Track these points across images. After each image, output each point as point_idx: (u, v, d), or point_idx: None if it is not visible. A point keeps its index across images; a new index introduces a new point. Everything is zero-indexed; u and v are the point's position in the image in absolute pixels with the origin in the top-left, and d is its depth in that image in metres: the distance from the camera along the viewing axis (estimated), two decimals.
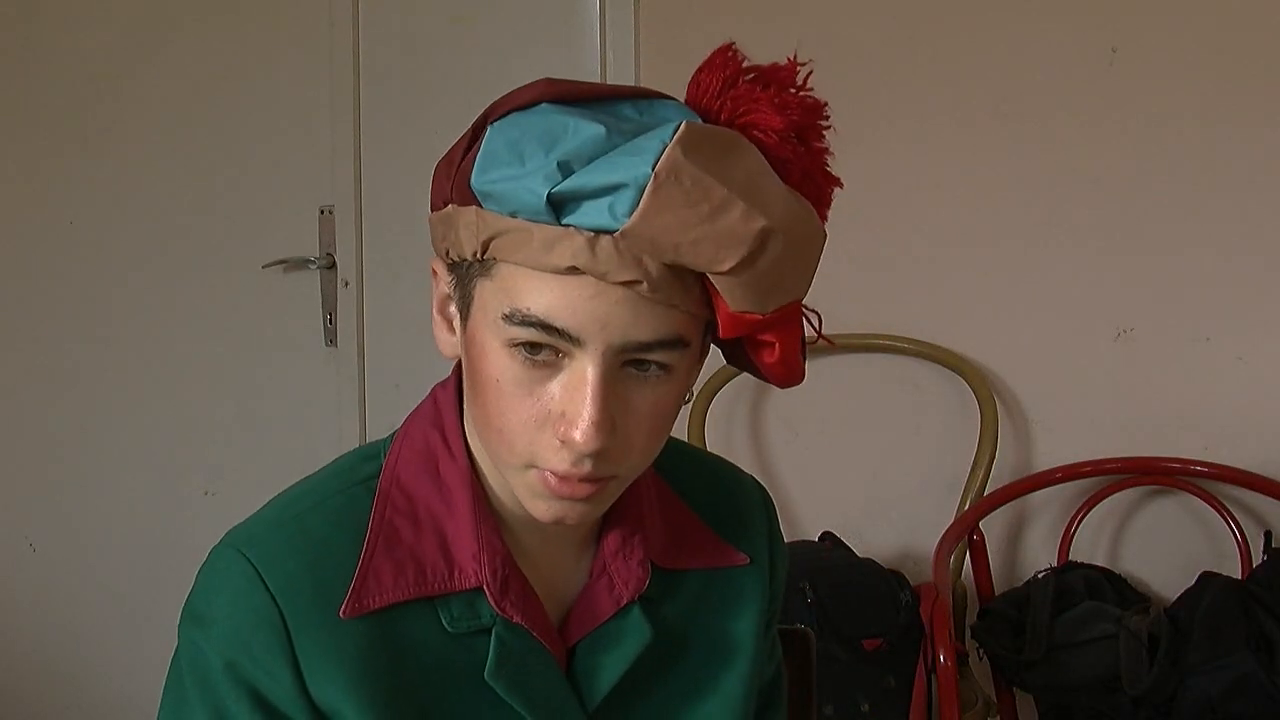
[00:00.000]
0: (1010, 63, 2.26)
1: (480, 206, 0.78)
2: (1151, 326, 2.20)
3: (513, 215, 0.77)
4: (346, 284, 2.72)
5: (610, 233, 0.75)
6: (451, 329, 0.87)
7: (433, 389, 0.94)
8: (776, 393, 2.47)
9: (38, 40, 2.94)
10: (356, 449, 0.94)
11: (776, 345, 0.83)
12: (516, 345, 0.79)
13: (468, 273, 0.81)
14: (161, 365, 2.90)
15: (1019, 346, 2.29)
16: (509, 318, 0.78)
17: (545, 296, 0.77)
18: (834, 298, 2.61)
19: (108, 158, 2.91)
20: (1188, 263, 2.17)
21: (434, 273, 0.87)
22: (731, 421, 2.49)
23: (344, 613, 0.84)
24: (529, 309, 0.77)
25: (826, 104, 0.84)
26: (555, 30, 2.58)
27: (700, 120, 0.80)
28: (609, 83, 0.83)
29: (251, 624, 0.83)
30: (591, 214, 0.75)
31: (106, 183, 2.91)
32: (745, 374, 2.67)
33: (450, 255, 0.83)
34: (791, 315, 0.83)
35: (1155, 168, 2.17)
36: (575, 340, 0.78)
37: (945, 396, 2.34)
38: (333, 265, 2.74)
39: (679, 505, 0.98)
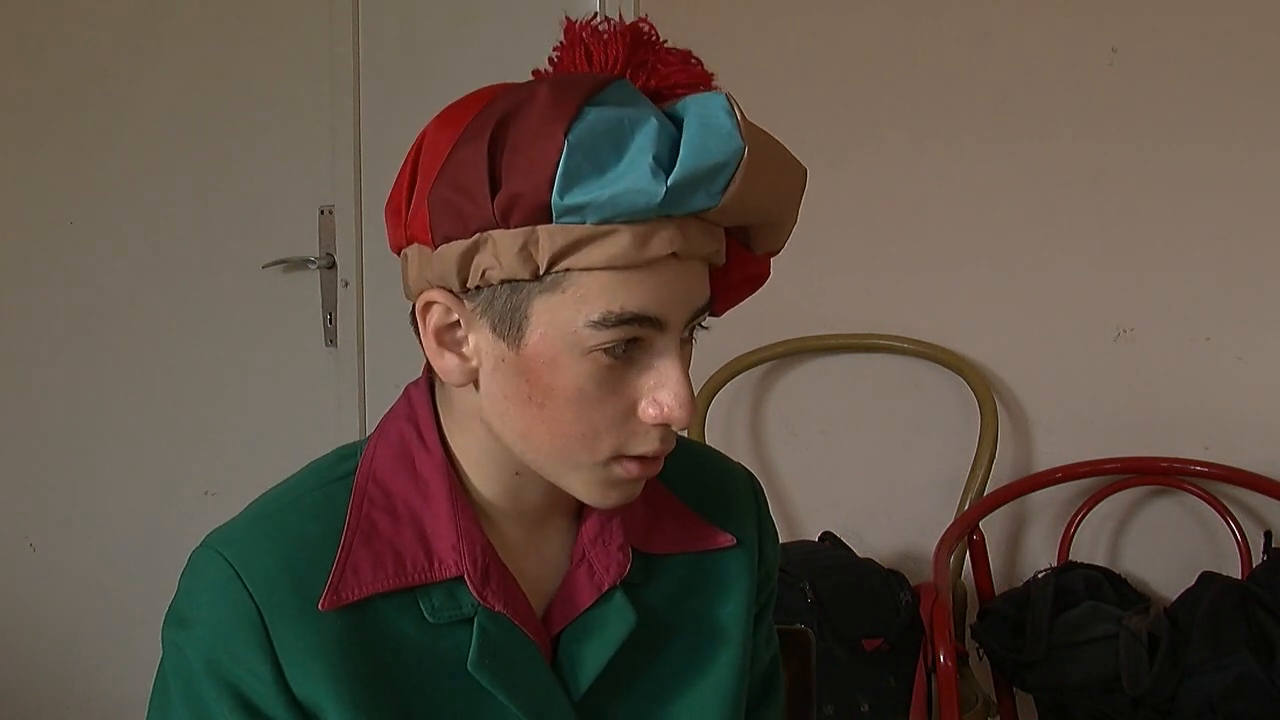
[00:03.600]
0: (1010, 63, 2.26)
1: (550, 224, 0.77)
2: (1151, 326, 2.20)
3: (602, 221, 0.77)
4: (346, 284, 2.73)
5: (703, 212, 0.79)
6: (461, 355, 0.85)
7: (405, 388, 0.94)
8: (776, 393, 2.47)
9: (38, 40, 2.94)
10: (333, 450, 0.94)
11: (764, 274, 0.89)
12: (605, 349, 0.80)
13: (514, 295, 0.80)
14: (161, 365, 2.90)
15: (1019, 346, 2.29)
16: (600, 322, 0.79)
17: (636, 291, 0.79)
18: (834, 298, 2.61)
19: (108, 158, 2.91)
20: (1188, 263, 2.17)
21: (424, 307, 0.84)
22: (731, 421, 2.49)
23: (323, 605, 0.84)
24: (622, 308, 0.79)
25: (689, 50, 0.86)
26: (555, 30, 2.57)
27: (644, 96, 0.82)
28: (573, 74, 0.84)
29: (230, 622, 0.83)
30: (695, 199, 0.78)
31: (106, 183, 2.91)
32: (745, 374, 2.65)
33: (473, 283, 0.81)
34: None
35: (1155, 168, 2.18)
36: (661, 324, 0.80)
37: (945, 396, 2.34)
38: (333, 265, 2.74)
39: (660, 490, 0.98)
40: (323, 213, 2.74)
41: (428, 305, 0.84)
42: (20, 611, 3.05)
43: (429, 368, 0.92)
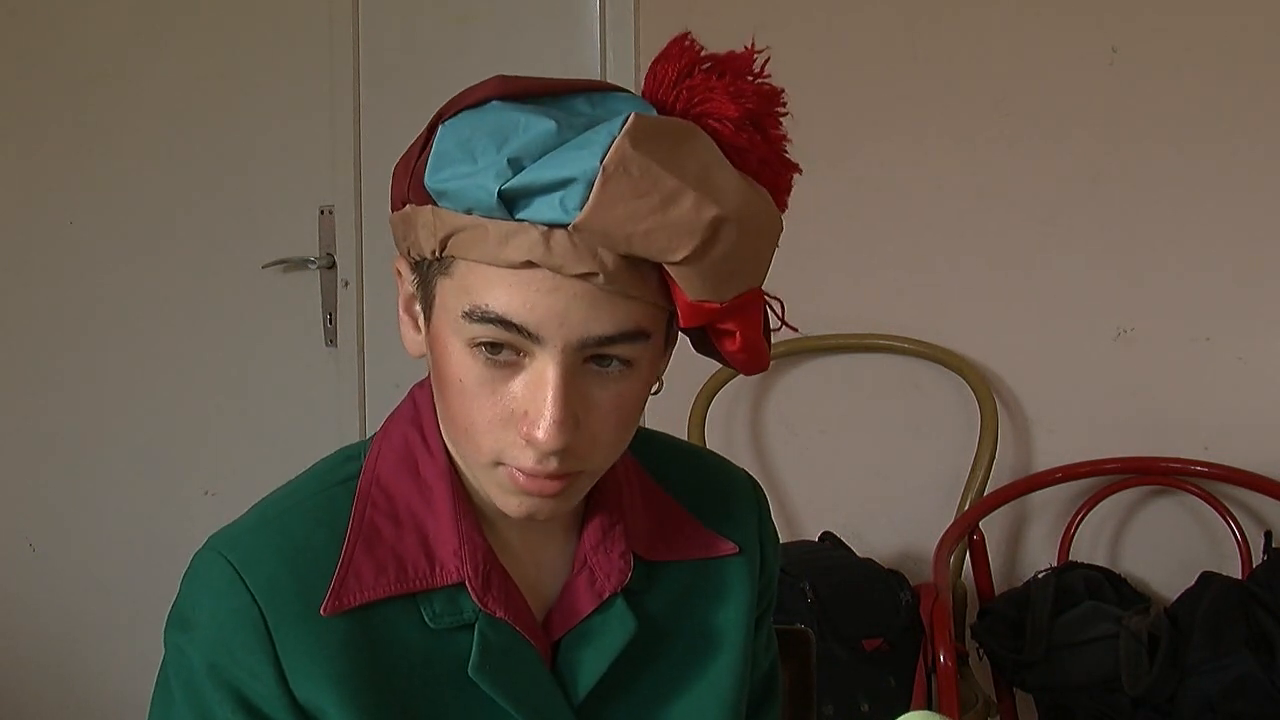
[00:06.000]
0: (1010, 63, 2.26)
1: (436, 205, 0.79)
2: (1151, 326, 2.20)
3: (468, 212, 0.78)
4: (346, 284, 2.73)
5: (564, 226, 0.76)
6: (417, 327, 0.87)
7: (411, 389, 0.94)
8: (776, 393, 2.47)
9: (37, 40, 2.94)
10: (337, 451, 0.94)
11: (737, 333, 0.83)
12: (478, 344, 0.80)
13: (428, 271, 0.82)
14: (161, 365, 2.90)
15: (1019, 346, 2.29)
16: (469, 315, 0.79)
17: (504, 293, 0.78)
18: (835, 298, 2.60)
19: (108, 158, 2.91)
20: (1188, 263, 2.17)
21: (398, 272, 0.88)
22: (731, 421, 2.49)
23: (325, 610, 0.84)
24: (487, 305, 0.78)
25: (783, 90, 0.83)
26: (555, 30, 2.58)
27: (655, 112, 0.80)
28: (572, 78, 0.83)
29: (233, 625, 0.83)
30: (543, 209, 0.76)
31: (106, 183, 2.91)
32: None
33: (412, 254, 0.84)
34: (750, 303, 0.82)
35: (1155, 168, 2.18)
36: (534, 338, 0.78)
37: (945, 396, 2.34)
38: (333, 265, 2.74)
39: (663, 497, 0.98)
40: (323, 213, 2.74)
41: (398, 272, 0.88)
42: (20, 611, 3.05)
43: None
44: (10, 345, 3.03)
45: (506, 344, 0.79)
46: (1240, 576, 2.05)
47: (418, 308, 0.86)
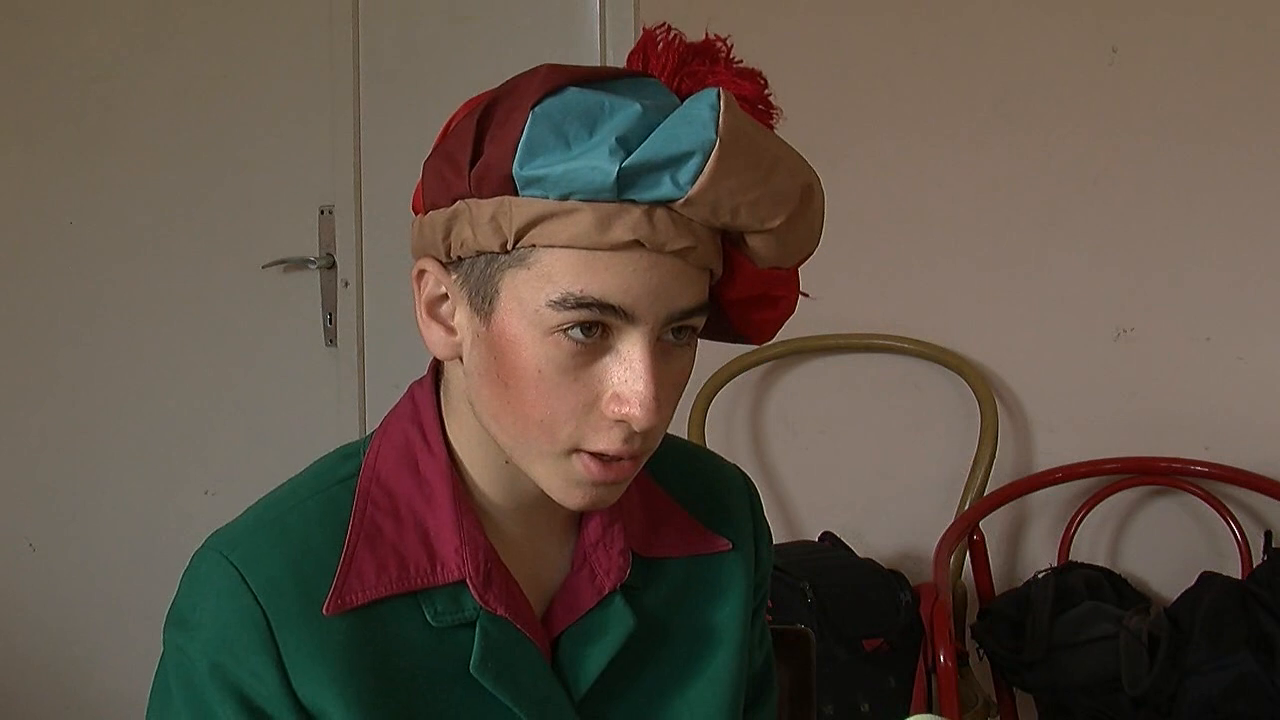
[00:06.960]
0: (1010, 63, 2.26)
1: (515, 195, 0.78)
2: (1151, 326, 2.20)
3: (563, 198, 0.77)
4: (346, 284, 2.73)
5: (670, 203, 0.77)
6: (448, 329, 0.86)
7: (410, 387, 0.94)
8: (776, 393, 2.47)
9: (37, 40, 2.94)
10: (336, 449, 0.94)
11: (783, 299, 0.86)
12: (565, 331, 0.79)
13: (488, 267, 0.81)
14: (161, 365, 2.90)
15: (1019, 346, 2.29)
16: (560, 303, 0.78)
17: (600, 276, 0.77)
18: (835, 298, 2.61)
19: (108, 158, 2.91)
20: (1188, 263, 2.17)
21: (418, 274, 0.86)
22: (731, 421, 2.49)
23: (327, 610, 0.84)
24: (583, 290, 0.78)
25: (759, 70, 0.85)
26: (555, 30, 2.58)
27: (678, 98, 0.81)
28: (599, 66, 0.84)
29: (235, 625, 0.83)
30: (655, 186, 0.76)
31: (106, 183, 2.91)
32: (745, 374, 2.64)
33: (455, 253, 0.82)
34: (798, 266, 0.86)
35: (1155, 168, 2.18)
36: (630, 316, 0.79)
37: (945, 396, 2.34)
38: (333, 265, 2.74)
39: (659, 493, 0.98)
40: (323, 213, 2.74)
41: (421, 273, 0.86)
42: (20, 611, 3.05)
43: (433, 367, 0.92)
44: (10, 345, 3.03)
45: (598, 325, 0.79)
46: (1240, 576, 2.05)
47: (446, 308, 0.85)
